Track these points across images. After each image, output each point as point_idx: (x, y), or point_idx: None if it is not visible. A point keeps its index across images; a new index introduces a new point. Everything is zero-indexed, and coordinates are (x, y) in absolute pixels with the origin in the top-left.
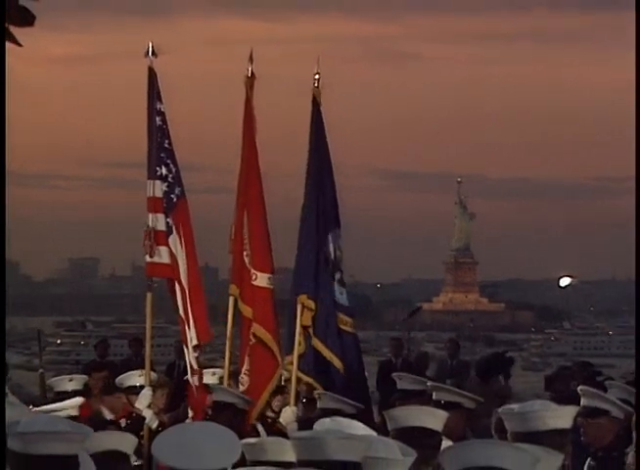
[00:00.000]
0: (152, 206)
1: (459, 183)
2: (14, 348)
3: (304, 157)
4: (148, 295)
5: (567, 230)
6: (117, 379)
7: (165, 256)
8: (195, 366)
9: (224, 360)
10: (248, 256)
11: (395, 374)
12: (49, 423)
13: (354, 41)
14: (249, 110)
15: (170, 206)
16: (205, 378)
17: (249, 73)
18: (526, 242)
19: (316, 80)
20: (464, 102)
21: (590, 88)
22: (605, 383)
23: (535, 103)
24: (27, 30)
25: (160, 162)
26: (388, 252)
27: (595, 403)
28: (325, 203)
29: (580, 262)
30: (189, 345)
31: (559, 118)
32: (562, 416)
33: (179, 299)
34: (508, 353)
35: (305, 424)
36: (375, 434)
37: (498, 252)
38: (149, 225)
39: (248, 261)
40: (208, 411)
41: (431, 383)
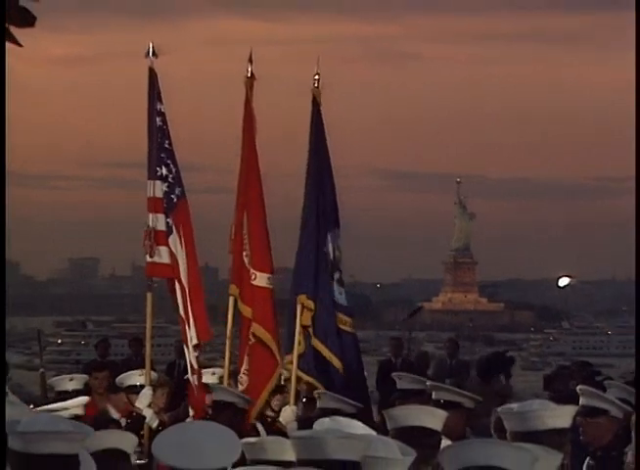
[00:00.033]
0: (152, 206)
1: (458, 183)
2: (14, 347)
3: (304, 157)
4: (148, 295)
5: (566, 230)
6: (118, 378)
7: (165, 256)
8: (195, 366)
9: (224, 360)
10: (247, 256)
11: (395, 374)
12: (50, 422)
13: (354, 41)
14: (248, 110)
15: (170, 206)
16: (206, 377)
17: (248, 74)
18: (526, 242)
19: (316, 81)
20: (464, 102)
21: (590, 88)
22: (604, 382)
23: (535, 103)
24: (28, 31)
25: (161, 162)
26: (387, 252)
27: (594, 403)
28: (325, 203)
29: (580, 262)
30: (189, 344)
31: (559, 118)
32: (561, 416)
33: (179, 298)
34: (508, 353)
35: (305, 423)
36: (374, 433)
37: (498, 252)
38: (149, 225)
39: (247, 261)
40: (208, 411)
41: (430, 382)
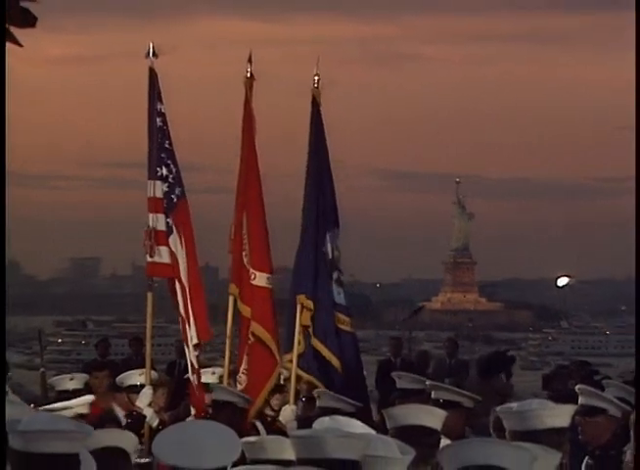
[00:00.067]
0: (152, 206)
1: (457, 183)
2: (15, 347)
3: (304, 157)
4: (148, 294)
5: (566, 230)
6: (118, 378)
7: (166, 255)
8: (195, 365)
9: (224, 359)
10: (247, 255)
11: (395, 373)
12: (50, 422)
13: (353, 42)
14: (248, 110)
15: (171, 206)
16: (206, 377)
17: (248, 74)
18: (525, 242)
19: (316, 81)
20: (463, 102)
21: (590, 88)
22: (602, 382)
23: (535, 103)
24: (28, 31)
25: (161, 162)
26: (387, 252)
27: (593, 402)
28: (324, 203)
29: (580, 262)
30: (189, 343)
31: (558, 118)
32: (559, 415)
33: (179, 298)
34: (509, 352)
35: (305, 423)
36: (374, 432)
37: (497, 252)
38: (149, 225)
39: (247, 261)
40: (209, 410)
41: (429, 382)
